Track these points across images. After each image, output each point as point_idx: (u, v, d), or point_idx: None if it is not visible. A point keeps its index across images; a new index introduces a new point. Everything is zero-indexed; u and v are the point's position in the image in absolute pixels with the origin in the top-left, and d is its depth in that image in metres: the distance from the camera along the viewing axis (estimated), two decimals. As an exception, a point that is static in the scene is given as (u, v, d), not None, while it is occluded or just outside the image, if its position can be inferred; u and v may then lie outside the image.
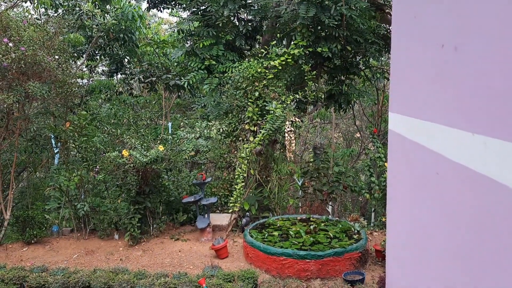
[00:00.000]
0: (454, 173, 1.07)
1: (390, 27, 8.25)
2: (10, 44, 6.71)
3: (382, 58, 10.52)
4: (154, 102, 12.44)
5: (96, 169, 7.91)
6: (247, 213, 7.76)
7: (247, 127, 8.16)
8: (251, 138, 7.92)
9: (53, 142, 9.30)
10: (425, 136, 1.35)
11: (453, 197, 1.09)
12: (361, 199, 13.48)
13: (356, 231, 6.80)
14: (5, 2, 9.90)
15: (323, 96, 8.62)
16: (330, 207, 10.12)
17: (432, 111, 1.28)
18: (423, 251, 1.37)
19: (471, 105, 0.98)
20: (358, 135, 15.64)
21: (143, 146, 7.56)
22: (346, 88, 9.45)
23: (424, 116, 1.37)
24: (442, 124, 1.17)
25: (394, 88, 1.85)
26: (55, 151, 9.34)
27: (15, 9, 10.78)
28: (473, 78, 0.98)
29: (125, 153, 6.99)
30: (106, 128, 9.31)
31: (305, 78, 8.16)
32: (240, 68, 8.14)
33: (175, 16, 12.26)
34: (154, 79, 10.93)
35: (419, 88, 1.44)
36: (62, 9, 10.06)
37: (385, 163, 7.29)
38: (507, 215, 0.81)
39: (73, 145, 8.05)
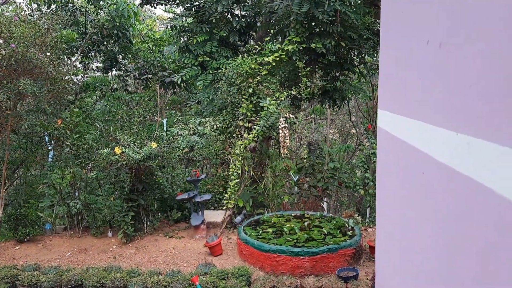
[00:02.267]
0: (439, 173, 1.05)
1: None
2: (0, 41, 6.64)
3: (377, 54, 10.49)
4: (148, 99, 12.36)
5: (89, 167, 7.86)
6: (244, 211, 7.70)
7: (241, 123, 8.12)
8: (245, 135, 7.88)
9: (47, 139, 9.23)
10: (412, 134, 1.33)
11: (438, 197, 1.07)
12: (357, 194, 13.48)
13: (350, 228, 6.79)
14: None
15: (317, 92, 8.58)
16: (325, 203, 10.11)
17: (418, 109, 1.26)
18: (410, 250, 1.35)
19: (455, 103, 0.96)
20: (353, 131, 15.64)
21: (136, 143, 7.51)
22: (340, 84, 9.41)
23: (410, 114, 1.34)
24: (427, 123, 1.15)
25: (383, 85, 1.82)
26: (49, 148, 9.28)
27: (10, 7, 10.69)
28: (457, 76, 0.95)
29: (117, 150, 6.94)
30: (99, 125, 9.26)
31: (299, 74, 8.11)
32: (234, 65, 8.09)
33: (169, 12, 12.17)
34: (149, 76, 10.86)
35: (405, 86, 1.41)
36: (55, 5, 9.96)
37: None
38: (489, 217, 0.78)
39: (66, 143, 8.00)
